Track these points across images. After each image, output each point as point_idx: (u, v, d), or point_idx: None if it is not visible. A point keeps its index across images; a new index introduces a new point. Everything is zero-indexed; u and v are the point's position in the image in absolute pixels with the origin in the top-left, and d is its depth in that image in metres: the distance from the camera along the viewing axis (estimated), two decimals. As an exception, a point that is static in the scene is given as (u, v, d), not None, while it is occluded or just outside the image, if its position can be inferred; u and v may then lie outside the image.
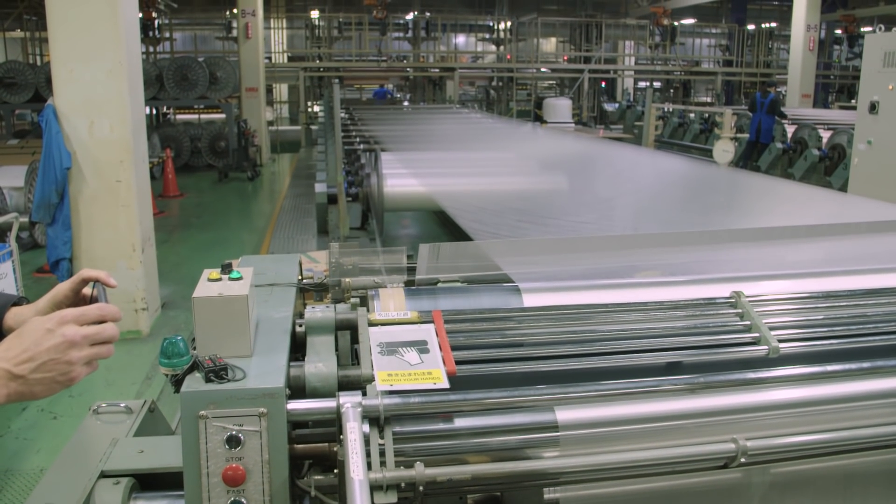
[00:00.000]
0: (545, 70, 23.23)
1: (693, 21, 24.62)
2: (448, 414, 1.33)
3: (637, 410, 1.38)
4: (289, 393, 1.30)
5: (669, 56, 23.46)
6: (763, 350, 1.51)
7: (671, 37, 22.94)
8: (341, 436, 1.21)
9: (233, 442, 1.22)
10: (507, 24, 22.66)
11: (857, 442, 1.40)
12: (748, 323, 1.56)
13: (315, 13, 21.54)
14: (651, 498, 1.42)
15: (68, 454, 1.61)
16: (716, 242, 1.97)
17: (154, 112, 15.79)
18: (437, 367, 1.35)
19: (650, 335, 1.53)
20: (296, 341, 1.51)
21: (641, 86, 24.78)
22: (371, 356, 1.38)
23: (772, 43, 24.80)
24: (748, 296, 1.62)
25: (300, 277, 1.81)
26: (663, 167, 4.23)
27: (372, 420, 1.28)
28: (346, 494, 1.10)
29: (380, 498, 1.18)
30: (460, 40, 25.18)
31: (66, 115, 5.23)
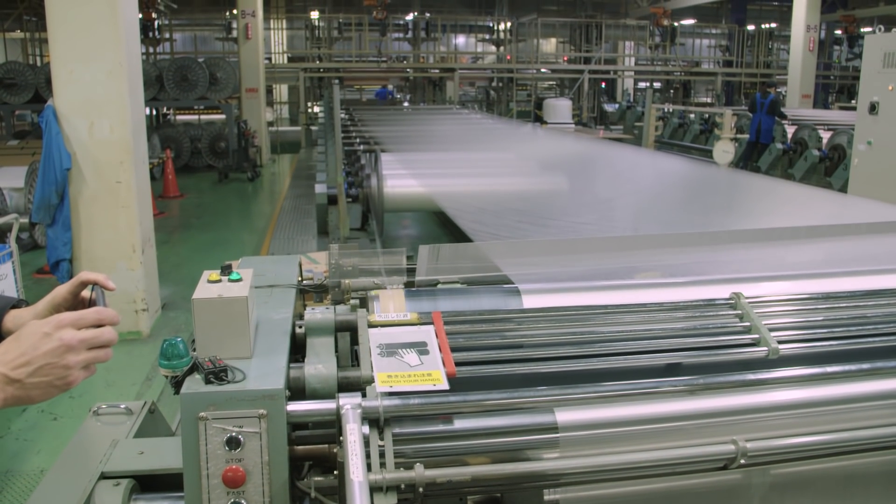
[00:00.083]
0: (545, 71, 23.24)
1: (693, 21, 24.64)
2: (448, 415, 1.33)
3: (637, 412, 1.38)
4: (288, 394, 1.30)
5: (669, 56, 23.47)
6: (763, 351, 1.51)
7: (671, 37, 22.95)
8: (341, 437, 1.21)
9: (233, 443, 1.22)
10: (507, 25, 22.67)
11: (857, 443, 1.40)
12: (748, 324, 1.56)
13: (315, 14, 21.56)
14: (651, 499, 1.42)
15: (68, 455, 1.61)
16: (715, 243, 1.97)
17: (154, 113, 15.80)
18: (437, 369, 1.35)
19: (650, 336, 1.53)
20: (295, 343, 1.51)
21: (641, 86, 24.80)
22: (371, 358, 1.38)
23: (772, 43, 24.81)
24: (748, 297, 1.62)
25: (300, 279, 1.81)
26: (663, 168, 4.23)
27: (372, 421, 1.28)
28: (345, 496, 1.10)
29: (380, 499, 1.18)
30: (460, 41, 25.19)
31: (66, 116, 5.23)
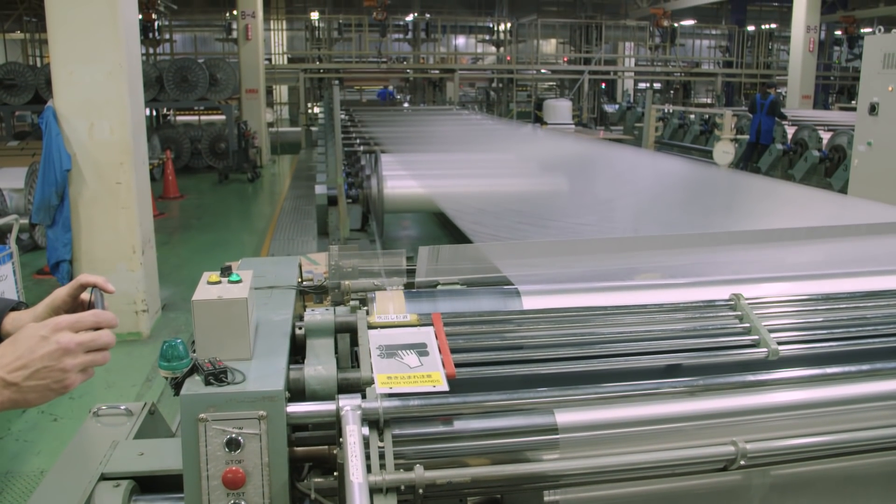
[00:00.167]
0: (545, 71, 23.26)
1: (693, 22, 24.66)
2: (448, 417, 1.33)
3: (637, 413, 1.38)
4: (288, 396, 1.30)
5: (669, 57, 23.49)
6: (762, 352, 1.50)
7: (671, 38, 22.96)
8: (341, 438, 1.21)
9: (232, 445, 1.22)
10: (507, 26, 22.68)
11: (857, 444, 1.40)
12: (748, 325, 1.56)
13: (315, 14, 21.58)
14: (651, 500, 1.42)
15: (68, 456, 1.61)
16: (716, 244, 1.97)
17: (154, 114, 15.81)
18: (437, 370, 1.35)
19: (650, 337, 1.53)
20: (295, 344, 1.51)
21: (641, 87, 24.81)
22: (370, 359, 1.38)
23: (772, 44, 24.82)
24: (748, 298, 1.62)
25: (300, 280, 1.81)
26: (663, 169, 4.23)
27: (371, 423, 1.28)
28: (345, 497, 1.10)
29: (379, 500, 1.18)
30: (460, 42, 25.20)
31: (65, 117, 5.23)
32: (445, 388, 1.32)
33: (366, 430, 1.26)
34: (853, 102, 16.71)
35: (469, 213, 3.08)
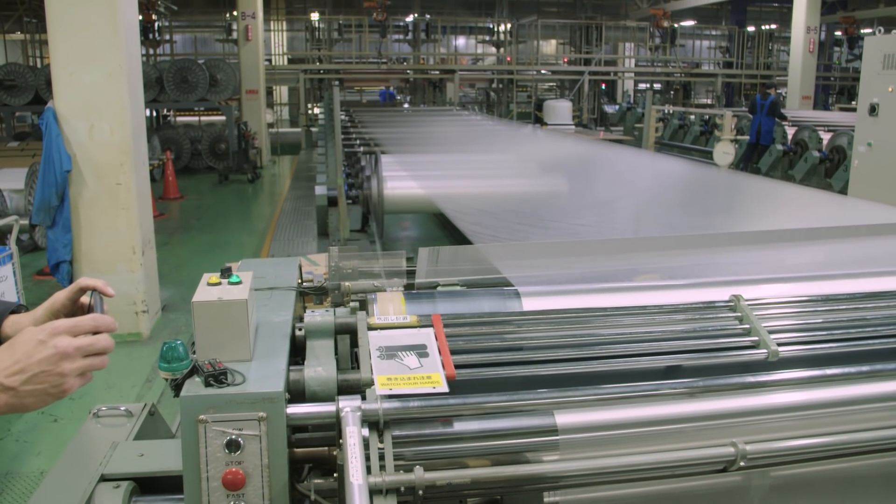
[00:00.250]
0: (545, 72, 23.27)
1: (693, 23, 24.67)
2: (448, 418, 1.33)
3: (636, 414, 1.38)
4: (288, 397, 1.30)
5: (669, 58, 23.48)
6: (762, 353, 1.51)
7: (671, 39, 22.96)
8: (341, 440, 1.21)
9: (232, 446, 1.22)
10: (507, 27, 22.68)
11: (857, 445, 1.40)
12: (747, 326, 1.56)
13: (315, 15, 21.59)
14: (651, 501, 1.42)
15: (68, 457, 1.61)
16: (715, 246, 1.97)
17: (154, 114, 15.81)
18: (437, 371, 1.35)
19: (650, 339, 1.53)
20: (295, 345, 1.51)
21: (641, 88, 24.81)
22: (370, 360, 1.38)
23: (772, 45, 24.82)
24: (748, 299, 1.62)
25: (300, 281, 1.81)
26: (663, 170, 4.23)
27: (371, 424, 1.28)
28: (345, 498, 1.10)
29: (379, 502, 1.18)
30: (460, 42, 25.21)
31: (66, 118, 5.23)
32: (445, 389, 1.32)
33: (366, 432, 1.26)
34: (853, 103, 16.71)
35: (469, 214, 3.08)
